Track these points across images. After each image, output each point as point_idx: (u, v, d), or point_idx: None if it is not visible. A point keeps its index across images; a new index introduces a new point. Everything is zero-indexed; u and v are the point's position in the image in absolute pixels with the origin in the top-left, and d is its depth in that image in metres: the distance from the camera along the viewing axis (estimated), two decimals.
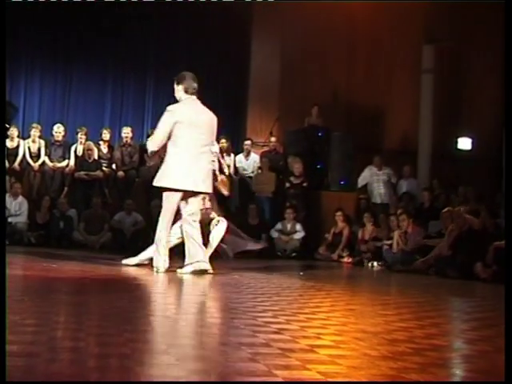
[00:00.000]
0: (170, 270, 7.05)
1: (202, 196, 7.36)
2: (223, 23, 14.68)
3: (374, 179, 13.20)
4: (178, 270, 6.97)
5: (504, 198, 8.27)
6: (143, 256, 7.55)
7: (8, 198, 11.83)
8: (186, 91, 7.31)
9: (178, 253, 7.41)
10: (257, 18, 15.05)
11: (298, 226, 12.26)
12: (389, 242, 10.86)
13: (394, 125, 15.00)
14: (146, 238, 11.95)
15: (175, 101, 7.53)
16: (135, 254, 7.64)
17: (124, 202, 12.31)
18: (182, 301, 5.25)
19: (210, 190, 7.23)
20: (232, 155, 13.51)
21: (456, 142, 14.99)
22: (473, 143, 14.98)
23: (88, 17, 14.14)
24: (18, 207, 11.82)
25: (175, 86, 7.38)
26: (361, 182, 13.37)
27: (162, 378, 2.44)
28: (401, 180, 13.37)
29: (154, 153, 7.24)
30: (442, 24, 14.30)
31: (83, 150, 12.83)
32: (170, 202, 7.04)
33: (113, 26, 14.80)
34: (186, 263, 6.98)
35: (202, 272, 6.93)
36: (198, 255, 7.00)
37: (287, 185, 12.95)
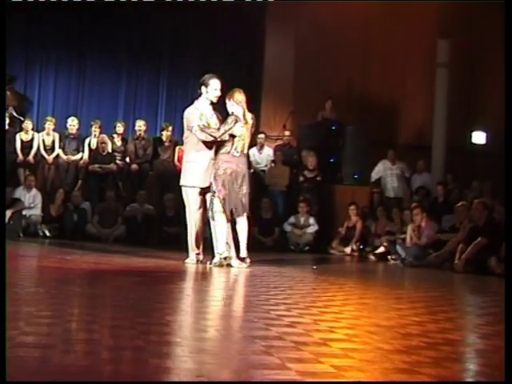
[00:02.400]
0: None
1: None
2: (237, 17, 14.65)
3: (388, 173, 13.17)
4: (208, 263, 7.22)
5: (505, 198, 8.21)
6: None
7: (22, 191, 11.89)
8: None
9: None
10: (271, 12, 15.01)
11: (312, 220, 12.24)
12: (402, 237, 10.84)
13: (408, 119, 14.95)
14: (157, 229, 12.05)
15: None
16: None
17: (137, 194, 12.34)
18: (195, 294, 5.26)
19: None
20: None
21: (470, 136, 14.92)
22: (487, 137, 14.90)
23: (102, 10, 14.14)
24: (32, 200, 11.89)
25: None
26: (374, 176, 13.34)
27: (175, 370, 2.45)
28: (414, 174, 13.33)
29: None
30: (456, 18, 14.22)
31: (97, 143, 12.86)
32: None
33: (127, 19, 14.81)
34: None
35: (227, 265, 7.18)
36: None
37: (301, 178, 12.93)
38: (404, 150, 13.73)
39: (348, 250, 11.87)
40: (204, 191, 7.44)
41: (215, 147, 7.34)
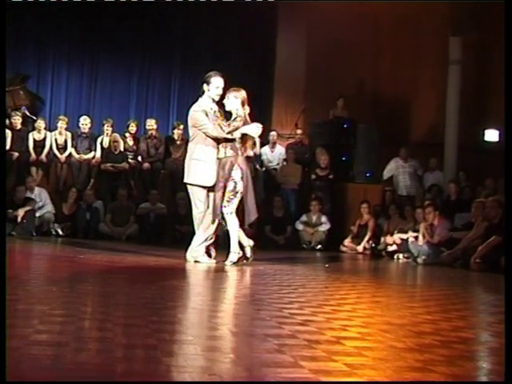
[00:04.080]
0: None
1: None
2: (249, 16, 14.65)
3: (400, 171, 13.14)
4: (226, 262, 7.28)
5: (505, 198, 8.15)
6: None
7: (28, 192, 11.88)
8: None
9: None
10: (282, 10, 15.00)
11: (324, 218, 12.23)
12: (415, 235, 10.80)
13: (420, 117, 14.90)
14: (169, 228, 12.07)
15: (199, 94, 7.56)
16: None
17: (149, 193, 12.37)
18: (208, 292, 5.27)
19: None
20: (257, 147, 13.49)
21: (483, 134, 14.86)
22: (500, 135, 14.83)
23: (114, 10, 14.17)
24: (38, 199, 11.90)
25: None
26: (386, 174, 13.31)
27: (187, 368, 2.45)
28: (427, 172, 13.30)
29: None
30: (468, 15, 14.16)
31: (109, 142, 12.90)
32: None
33: (139, 19, 14.85)
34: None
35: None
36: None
37: (313, 177, 12.92)
38: (416, 148, 13.69)
39: (360, 248, 11.86)
40: (209, 190, 7.40)
41: (222, 146, 7.27)
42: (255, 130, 7.32)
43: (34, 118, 13.45)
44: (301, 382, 2.33)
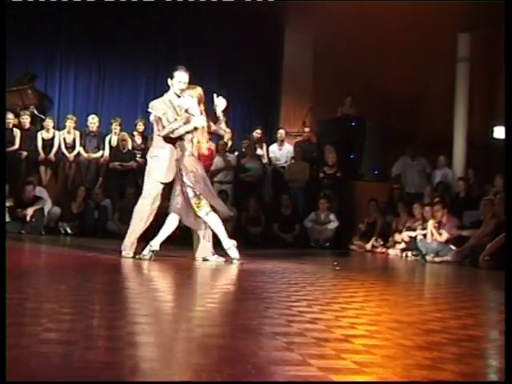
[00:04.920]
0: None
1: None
2: (255, 14, 14.63)
3: (408, 169, 13.11)
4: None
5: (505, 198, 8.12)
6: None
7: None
8: None
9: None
10: (289, 9, 14.99)
11: (332, 216, 12.22)
12: (423, 232, 10.78)
13: (428, 114, 14.85)
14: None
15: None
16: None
17: None
18: (216, 290, 5.27)
19: None
20: (264, 145, 13.50)
21: (492, 131, 14.80)
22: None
23: (122, 9, 14.20)
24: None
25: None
26: (394, 171, 13.28)
27: (195, 366, 2.46)
28: (435, 170, 13.26)
29: None
30: (477, 11, 14.10)
31: (117, 141, 12.92)
32: None
33: (146, 18, 14.87)
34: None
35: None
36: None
37: (321, 175, 12.91)
38: (424, 146, 13.65)
39: (368, 246, 11.84)
40: (164, 187, 7.33)
41: (178, 145, 7.14)
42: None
43: (43, 117, 13.49)
44: (304, 382, 2.33)
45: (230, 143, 13.27)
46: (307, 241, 12.14)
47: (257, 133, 13.49)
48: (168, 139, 7.19)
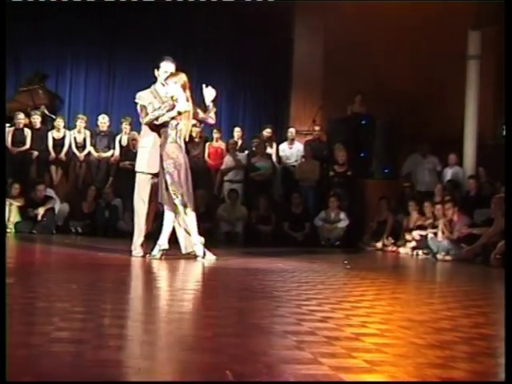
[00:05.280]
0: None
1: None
2: (266, 12, 14.63)
3: (419, 167, 13.06)
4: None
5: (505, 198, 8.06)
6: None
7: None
8: None
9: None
10: (299, 7, 14.98)
11: (342, 215, 12.20)
12: (434, 231, 10.75)
13: (438, 112, 14.80)
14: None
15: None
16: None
17: None
18: (226, 289, 5.27)
19: None
20: (274, 144, 13.49)
21: (503, 129, 14.75)
22: None
23: (131, 8, 14.21)
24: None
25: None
26: (405, 170, 13.24)
27: (205, 365, 2.46)
28: (446, 168, 13.21)
29: None
30: (487, 9, 14.05)
31: (128, 140, 12.94)
32: None
33: (156, 16, 14.88)
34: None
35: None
36: None
37: (331, 173, 12.89)
38: (435, 144, 13.60)
39: (379, 244, 11.81)
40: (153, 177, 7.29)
41: (161, 134, 7.11)
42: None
43: (53, 116, 13.53)
44: (315, 382, 2.33)
45: (240, 143, 13.28)
46: (317, 239, 12.13)
47: (267, 132, 13.48)
48: (153, 128, 7.16)
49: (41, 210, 11.48)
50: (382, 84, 14.71)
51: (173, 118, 6.99)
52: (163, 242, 7.05)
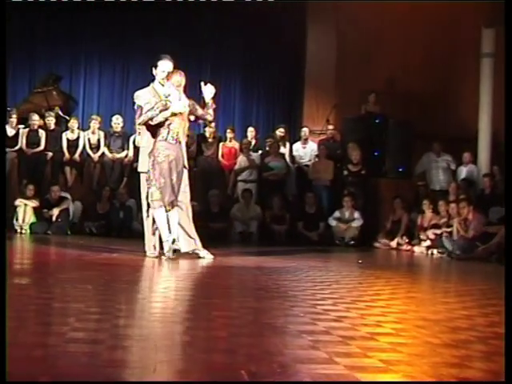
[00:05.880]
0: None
1: None
2: (278, 11, 14.62)
3: (433, 166, 13.02)
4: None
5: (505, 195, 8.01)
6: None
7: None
8: None
9: None
10: (312, 6, 14.96)
11: (356, 214, 12.18)
12: (449, 230, 10.71)
13: (452, 110, 14.76)
14: (202, 226, 12.10)
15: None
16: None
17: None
18: (241, 289, 5.28)
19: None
20: (288, 144, 13.48)
21: None
22: None
23: (145, 9, 14.25)
24: None
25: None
26: (419, 168, 13.21)
27: (221, 365, 2.46)
28: (460, 166, 13.16)
29: None
30: (501, 6, 13.97)
31: None
32: None
33: (169, 17, 14.92)
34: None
35: None
36: None
37: (345, 172, 12.87)
38: (449, 142, 13.55)
39: (394, 243, 11.78)
40: None
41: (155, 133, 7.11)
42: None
43: (67, 118, 13.58)
44: (330, 382, 2.33)
45: (253, 142, 13.28)
46: (332, 239, 12.11)
47: (280, 131, 13.47)
48: (149, 128, 7.16)
49: (55, 211, 11.53)
50: (396, 82, 14.68)
51: (167, 119, 6.98)
52: (165, 236, 6.99)
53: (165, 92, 7.17)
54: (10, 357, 2.34)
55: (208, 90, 7.38)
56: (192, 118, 7.45)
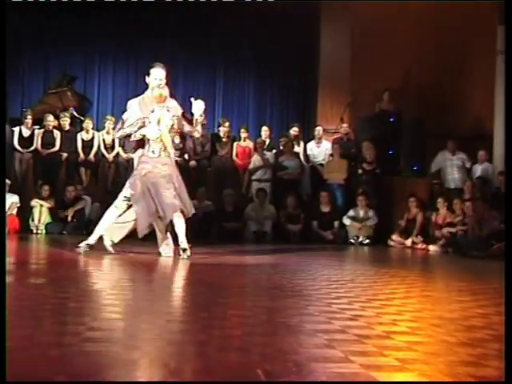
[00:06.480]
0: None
1: None
2: (292, 10, 14.62)
3: (448, 164, 12.98)
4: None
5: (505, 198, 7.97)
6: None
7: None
8: None
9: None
10: (325, 6, 14.94)
11: (371, 213, 12.17)
12: (464, 228, 10.67)
13: (468, 108, 14.70)
14: (216, 225, 12.13)
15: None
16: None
17: (196, 191, 12.42)
18: (255, 288, 5.28)
19: None
20: (302, 143, 13.47)
21: None
22: None
23: (158, 10, 14.29)
24: None
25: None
26: (434, 167, 13.16)
27: (237, 364, 2.46)
28: (475, 164, 13.11)
29: None
30: None
31: None
32: None
33: (182, 18, 14.95)
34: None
35: None
36: None
37: (359, 171, 12.85)
38: (464, 140, 13.51)
39: (408, 242, 11.75)
40: None
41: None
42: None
43: (82, 118, 13.63)
44: (346, 382, 2.32)
45: (267, 142, 13.27)
46: (346, 238, 12.11)
47: (294, 130, 13.47)
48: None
49: (71, 212, 11.59)
50: (411, 80, 14.64)
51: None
52: (182, 241, 7.01)
53: (151, 107, 7.11)
54: (26, 356, 2.36)
55: (197, 106, 7.30)
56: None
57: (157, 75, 7.30)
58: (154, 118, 7.05)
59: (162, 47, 15.24)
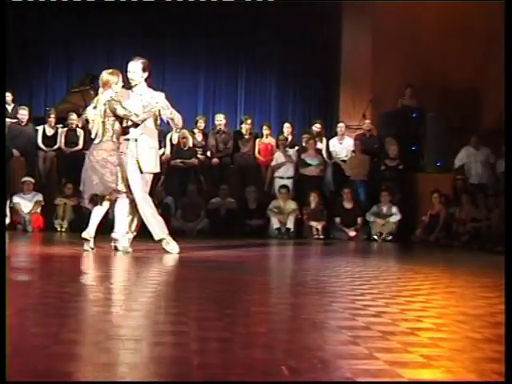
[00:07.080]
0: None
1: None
2: (313, 8, 14.59)
3: (472, 159, 12.88)
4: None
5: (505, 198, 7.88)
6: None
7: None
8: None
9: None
10: (347, 4, 14.90)
11: (394, 209, 12.11)
12: (488, 223, 10.59)
13: (490, 103, 14.57)
14: (239, 222, 12.15)
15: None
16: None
17: (219, 188, 12.45)
18: (280, 285, 5.28)
19: None
20: (324, 139, 13.43)
21: None
22: None
23: (180, 9, 14.33)
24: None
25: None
26: (457, 162, 13.07)
27: (261, 360, 2.47)
28: (499, 160, 13.00)
29: None
30: None
31: (178, 138, 13.02)
32: None
33: (204, 17, 14.98)
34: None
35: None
36: None
37: (382, 167, 12.80)
38: (488, 136, 13.40)
39: (432, 238, 11.69)
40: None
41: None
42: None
43: None
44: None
45: (290, 138, 13.26)
46: (370, 234, 12.06)
47: (316, 127, 13.44)
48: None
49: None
50: (433, 75, 14.54)
51: (111, 117, 7.42)
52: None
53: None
54: (49, 353, 2.38)
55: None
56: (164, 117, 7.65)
57: (130, 67, 7.91)
58: (91, 105, 7.60)
59: (186, 47, 15.31)
